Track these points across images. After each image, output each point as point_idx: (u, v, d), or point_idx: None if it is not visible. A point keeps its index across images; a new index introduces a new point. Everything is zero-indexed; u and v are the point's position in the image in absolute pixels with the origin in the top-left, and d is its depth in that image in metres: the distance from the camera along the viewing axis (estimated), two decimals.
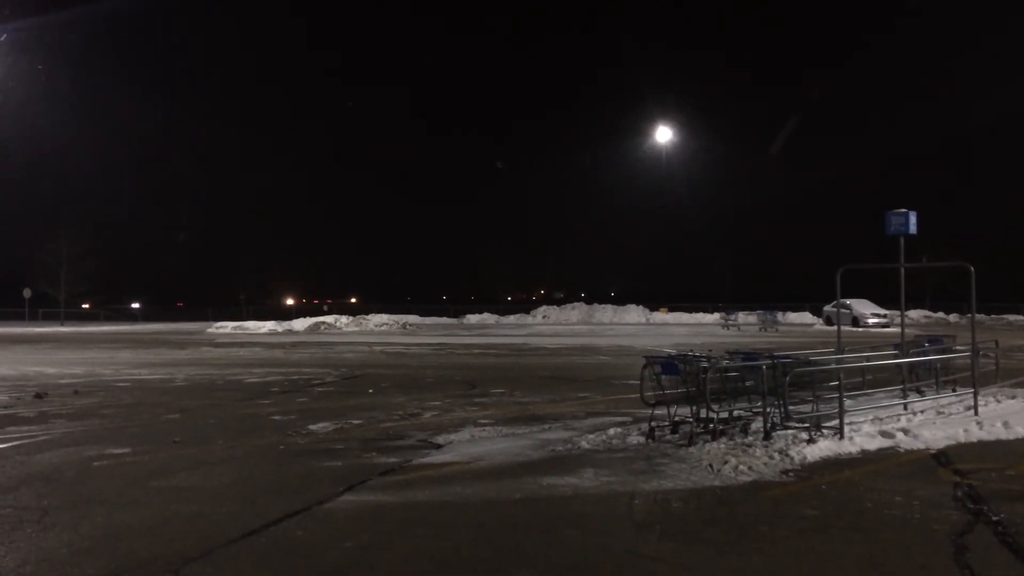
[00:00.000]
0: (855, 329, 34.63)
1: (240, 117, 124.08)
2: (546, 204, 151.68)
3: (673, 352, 8.99)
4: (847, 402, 8.08)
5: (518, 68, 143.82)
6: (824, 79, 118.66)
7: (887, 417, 8.79)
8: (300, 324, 38.62)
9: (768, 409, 7.93)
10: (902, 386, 9.86)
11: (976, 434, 8.00)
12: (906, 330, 11.34)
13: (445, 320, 52.01)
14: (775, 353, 8.63)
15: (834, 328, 11.26)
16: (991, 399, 10.07)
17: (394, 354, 21.98)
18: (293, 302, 73.58)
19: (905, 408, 9.23)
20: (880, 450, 7.45)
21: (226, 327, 38.62)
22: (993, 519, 5.21)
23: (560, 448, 7.67)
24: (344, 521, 5.33)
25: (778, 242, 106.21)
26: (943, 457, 7.16)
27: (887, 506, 5.54)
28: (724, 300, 53.95)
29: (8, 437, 8.62)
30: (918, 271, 41.15)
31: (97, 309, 57.76)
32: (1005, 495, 5.82)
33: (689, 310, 52.38)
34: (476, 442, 8.11)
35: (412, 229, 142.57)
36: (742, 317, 42.72)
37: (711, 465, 6.76)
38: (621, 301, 54.67)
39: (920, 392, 10.34)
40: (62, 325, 49.77)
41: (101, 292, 59.36)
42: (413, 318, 49.08)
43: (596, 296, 64.71)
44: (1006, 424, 8.29)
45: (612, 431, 8.40)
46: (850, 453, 7.29)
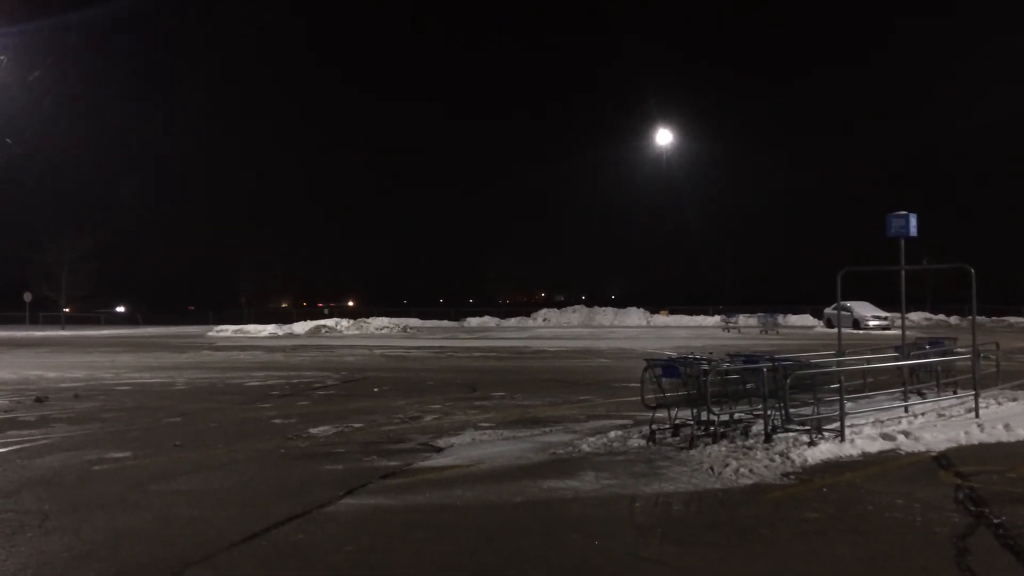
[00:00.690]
0: (856, 331, 34.63)
1: (240, 119, 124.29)
2: (547, 206, 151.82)
3: (674, 355, 8.99)
4: (848, 404, 8.08)
5: (518, 69, 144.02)
6: (826, 79, 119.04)
7: (888, 419, 8.79)
8: (301, 327, 38.61)
9: (769, 412, 7.92)
10: (903, 388, 9.86)
11: (977, 436, 8.00)
12: (907, 332, 11.35)
13: (446, 323, 52.03)
14: (776, 356, 8.63)
15: (835, 330, 11.27)
16: (992, 401, 10.06)
17: (395, 357, 21.98)
18: (286, 305, 73.51)
19: (906, 410, 9.23)
20: (881, 452, 7.45)
21: (227, 330, 38.61)
22: (994, 522, 5.20)
23: (561, 451, 7.67)
24: (345, 525, 5.33)
25: (779, 244, 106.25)
26: (944, 459, 7.15)
27: (888, 509, 5.54)
28: (725, 303, 53.93)
29: (9, 441, 8.62)
30: (919, 273, 41.12)
31: (77, 313, 57.55)
32: (1006, 497, 5.82)
33: (690, 313, 52.41)
34: (477, 445, 8.11)
35: (412, 231, 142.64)
36: (743, 320, 42.72)
37: (712, 468, 6.75)
38: (622, 304, 54.62)
39: (921, 394, 10.35)
40: (63, 329, 49.81)
41: (101, 295, 59.39)
42: (414, 321, 49.12)
43: (597, 299, 64.54)
44: (1007, 426, 8.28)
45: (613, 434, 8.40)
46: (851, 456, 7.29)
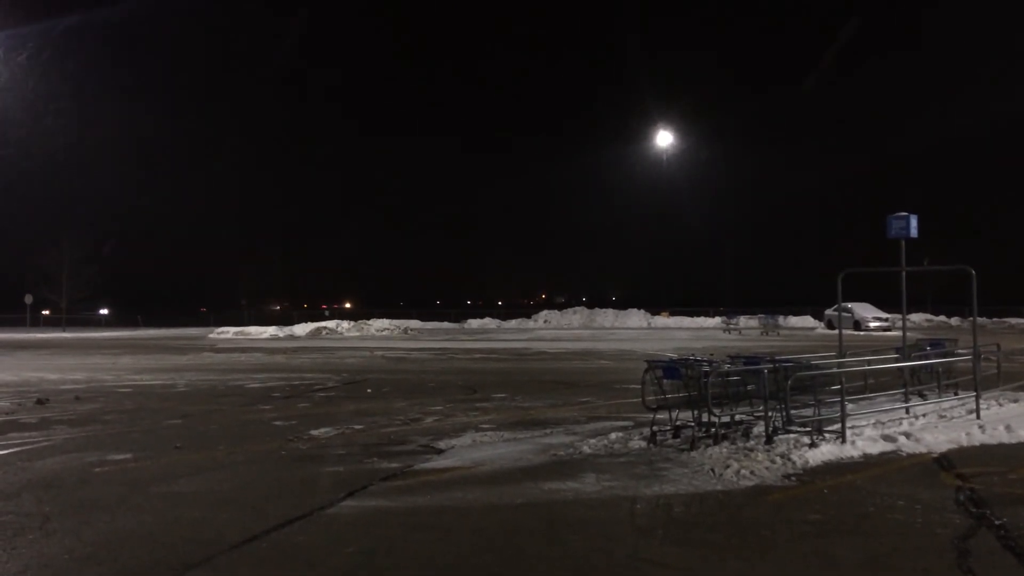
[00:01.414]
0: (857, 333, 34.62)
1: (240, 122, 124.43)
2: (547, 208, 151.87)
3: (675, 356, 8.98)
4: (849, 406, 8.07)
5: (519, 70, 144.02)
6: (827, 82, 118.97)
7: (889, 421, 8.79)
8: (301, 329, 38.63)
9: (770, 413, 7.92)
10: (904, 390, 9.85)
11: (978, 438, 7.99)
12: (908, 333, 11.33)
13: (446, 325, 52.07)
14: (777, 357, 8.63)
15: (835, 332, 11.27)
16: (993, 403, 10.05)
17: (395, 359, 21.98)
18: (279, 307, 73.43)
19: (907, 412, 9.22)
20: (882, 454, 7.44)
21: (227, 332, 38.63)
22: (996, 523, 5.20)
23: (562, 453, 7.67)
24: (346, 526, 5.33)
25: (779, 246, 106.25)
26: (945, 461, 7.14)
27: (889, 510, 5.54)
28: (725, 304, 53.97)
29: (10, 443, 8.62)
30: (919, 274, 41.12)
31: (69, 315, 57.51)
32: (1008, 499, 5.81)
33: (690, 314, 52.46)
34: (478, 447, 8.10)
35: (413, 232, 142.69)
36: (743, 321, 42.73)
37: (713, 469, 6.75)
38: (622, 305, 54.66)
39: (922, 396, 10.34)
40: (63, 331, 49.84)
41: (99, 297, 59.45)
42: (414, 323, 49.17)
43: (597, 300, 64.53)
44: (1008, 428, 8.27)
45: (614, 435, 8.40)
46: (852, 457, 7.28)
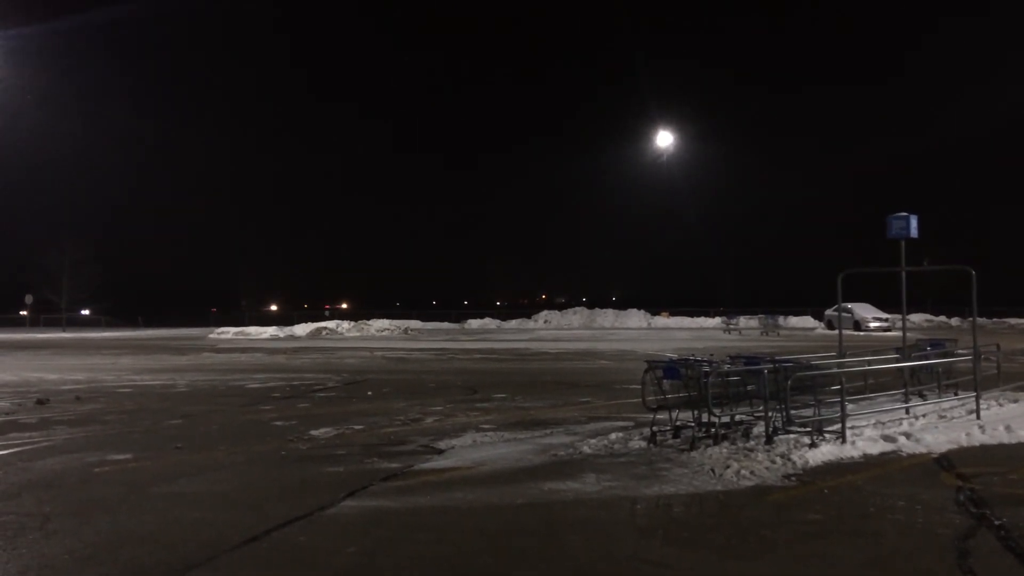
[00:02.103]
0: (857, 333, 34.64)
1: (239, 123, 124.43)
2: (548, 209, 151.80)
3: (675, 356, 8.98)
4: (849, 406, 8.08)
5: (520, 70, 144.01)
6: (827, 83, 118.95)
7: (889, 421, 8.79)
8: (302, 329, 38.64)
9: (770, 413, 7.92)
10: (904, 390, 9.85)
11: (978, 438, 7.99)
12: (908, 334, 11.34)
13: (446, 325, 52.10)
14: (777, 357, 8.63)
15: (835, 332, 11.27)
16: (993, 403, 10.06)
17: (395, 359, 21.98)
18: (275, 307, 73.35)
19: (907, 412, 9.22)
20: (882, 454, 7.44)
21: (227, 332, 38.64)
22: (996, 523, 5.20)
23: (562, 453, 7.67)
24: (346, 527, 5.33)
25: (779, 246, 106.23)
26: (945, 461, 7.15)
27: (890, 510, 5.54)
28: (725, 304, 54.02)
29: (10, 443, 8.62)
30: (920, 275, 41.12)
31: (37, 315, 57.57)
32: (1008, 499, 5.81)
33: (690, 314, 52.51)
34: (478, 447, 8.10)
35: (413, 233, 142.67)
36: (743, 321, 42.77)
37: (713, 470, 6.75)
38: (622, 306, 54.71)
39: (922, 396, 10.34)
40: (64, 331, 49.84)
41: (101, 298, 59.52)
42: (414, 323, 49.19)
43: (598, 301, 64.52)
44: (1008, 428, 8.27)
45: (614, 436, 8.40)
46: (852, 457, 7.28)
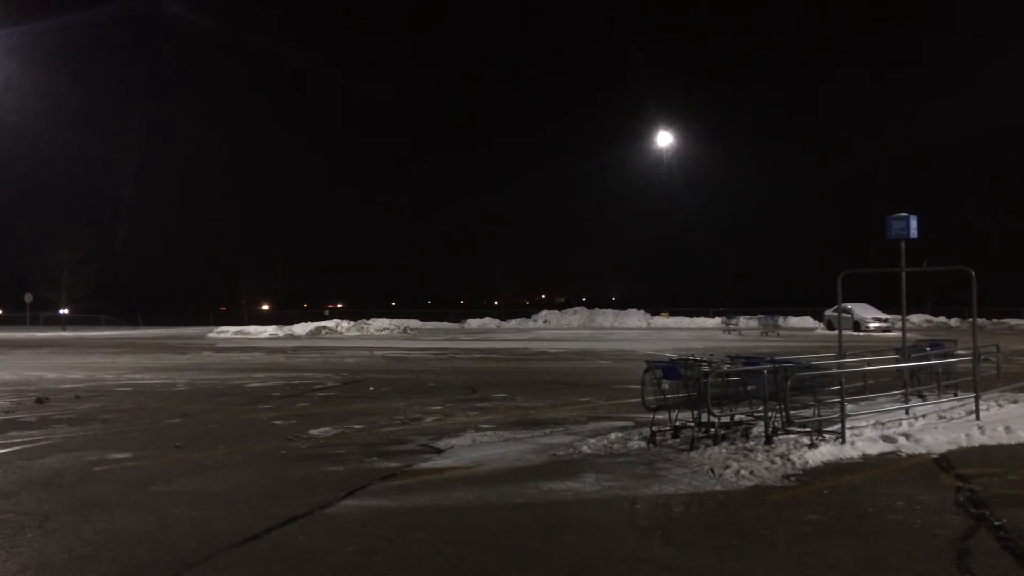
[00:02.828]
0: (856, 333, 34.62)
1: (238, 122, 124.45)
2: (548, 209, 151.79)
3: (674, 356, 8.98)
4: (849, 406, 8.08)
5: (520, 70, 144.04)
6: (826, 82, 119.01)
7: (889, 421, 8.80)
8: (301, 328, 38.63)
9: (769, 413, 7.92)
10: (904, 390, 9.86)
11: (978, 439, 7.99)
12: (907, 334, 11.34)
13: (446, 324, 52.10)
14: (776, 357, 8.63)
15: (835, 332, 11.28)
16: (993, 403, 10.06)
17: (395, 359, 21.98)
18: (268, 307, 73.16)
19: (907, 412, 9.23)
20: (882, 455, 7.44)
21: (227, 331, 38.65)
22: (995, 524, 5.20)
23: (561, 453, 7.67)
24: (345, 526, 5.33)
25: (779, 246, 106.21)
26: (945, 462, 7.15)
27: (889, 511, 5.54)
28: (725, 305, 53.96)
29: (9, 442, 8.62)
30: (919, 275, 41.13)
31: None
32: (1007, 500, 5.81)
33: (690, 314, 52.48)
34: (477, 447, 8.10)
35: (413, 233, 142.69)
36: (743, 321, 42.77)
37: (712, 470, 6.75)
38: (622, 305, 54.70)
39: (922, 396, 10.34)
40: (63, 330, 49.85)
41: (101, 297, 59.52)
42: (414, 323, 49.21)
43: (597, 301, 64.49)
44: (1008, 428, 8.27)
45: (613, 435, 8.40)
46: (852, 458, 7.28)
